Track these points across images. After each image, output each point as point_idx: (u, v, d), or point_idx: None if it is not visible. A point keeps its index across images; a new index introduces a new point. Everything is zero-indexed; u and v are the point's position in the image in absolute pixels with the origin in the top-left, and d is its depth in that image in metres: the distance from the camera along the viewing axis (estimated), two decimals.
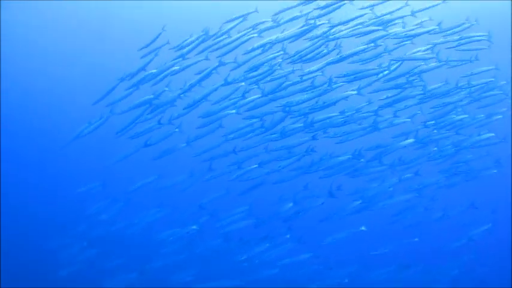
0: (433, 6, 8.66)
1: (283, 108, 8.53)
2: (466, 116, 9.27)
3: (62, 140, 9.48)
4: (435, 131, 9.32)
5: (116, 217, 10.87)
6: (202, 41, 8.74)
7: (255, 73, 8.55)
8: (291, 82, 8.47)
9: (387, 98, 8.87)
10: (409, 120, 9.13)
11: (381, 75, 8.59)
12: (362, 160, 9.11)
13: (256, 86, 8.47)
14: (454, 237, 10.47)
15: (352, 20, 8.49)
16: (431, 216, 10.43)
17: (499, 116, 9.50)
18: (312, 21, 8.51)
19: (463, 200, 10.58)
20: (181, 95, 8.67)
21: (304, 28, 8.49)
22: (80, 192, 10.56)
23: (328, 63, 8.46)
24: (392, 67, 8.59)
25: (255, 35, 8.51)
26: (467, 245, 10.25)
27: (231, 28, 8.75)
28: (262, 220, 9.62)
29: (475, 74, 9.03)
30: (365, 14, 8.49)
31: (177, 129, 9.00)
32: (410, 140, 9.16)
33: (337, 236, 9.53)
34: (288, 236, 9.21)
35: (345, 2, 8.26)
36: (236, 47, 8.64)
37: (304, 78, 8.48)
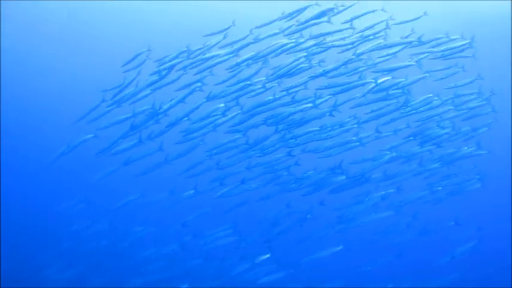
0: (415, 19, 8.59)
1: (265, 121, 8.47)
2: (450, 129, 9.09)
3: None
4: (418, 146, 9.16)
5: (101, 234, 10.79)
6: (184, 58, 8.69)
7: (236, 87, 8.50)
8: (274, 97, 8.41)
9: (372, 111, 8.77)
10: (392, 133, 8.96)
11: (369, 87, 8.49)
12: (343, 175, 8.97)
13: (236, 103, 8.40)
14: (439, 255, 10.26)
15: (335, 32, 8.45)
16: (415, 232, 10.27)
17: (485, 129, 9.35)
18: (296, 35, 8.48)
19: (449, 215, 10.40)
20: (167, 113, 8.64)
21: (287, 43, 8.45)
22: (62, 209, 10.49)
23: (311, 78, 8.41)
24: (379, 80, 8.50)
25: (232, 54, 8.45)
26: (452, 262, 10.05)
27: (213, 45, 8.71)
28: (244, 239, 9.52)
29: (459, 86, 8.94)
30: (347, 28, 8.44)
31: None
32: (393, 154, 8.99)
33: (316, 255, 9.41)
34: (268, 255, 9.08)
35: (324, 20, 8.20)
36: (217, 64, 8.59)
37: (289, 92, 8.44)
